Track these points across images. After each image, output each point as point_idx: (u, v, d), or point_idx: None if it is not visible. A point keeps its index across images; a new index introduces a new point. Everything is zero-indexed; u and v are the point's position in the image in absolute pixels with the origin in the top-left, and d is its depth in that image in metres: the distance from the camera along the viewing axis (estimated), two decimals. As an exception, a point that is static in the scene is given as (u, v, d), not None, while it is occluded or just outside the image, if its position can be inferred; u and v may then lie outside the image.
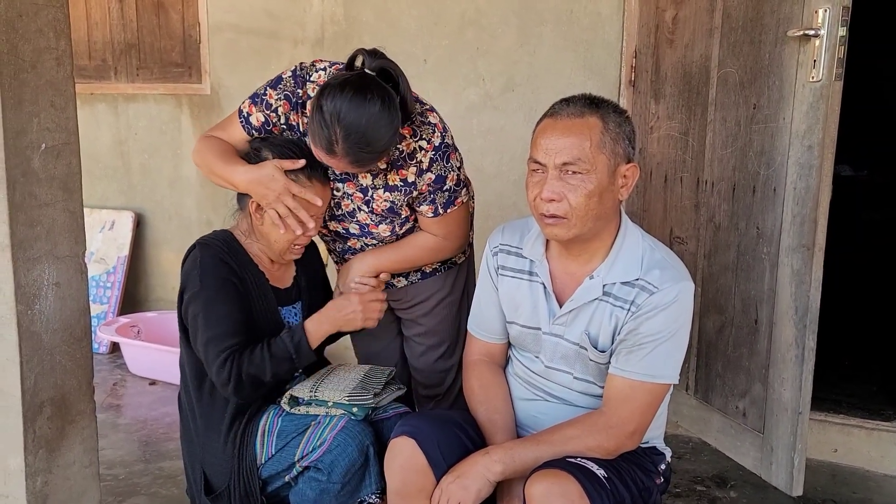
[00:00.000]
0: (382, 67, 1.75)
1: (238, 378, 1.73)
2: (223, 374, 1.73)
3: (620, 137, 1.57)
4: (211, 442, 1.85)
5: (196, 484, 1.89)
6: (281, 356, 1.77)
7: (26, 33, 1.58)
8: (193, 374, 1.86)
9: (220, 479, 1.84)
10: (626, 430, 1.57)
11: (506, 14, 3.09)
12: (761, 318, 2.15)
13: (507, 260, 1.76)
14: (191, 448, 1.91)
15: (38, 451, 1.70)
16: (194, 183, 3.89)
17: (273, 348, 1.77)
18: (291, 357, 1.78)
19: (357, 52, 1.79)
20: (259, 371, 1.75)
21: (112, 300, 3.89)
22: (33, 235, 1.64)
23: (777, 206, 2.06)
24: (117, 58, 3.98)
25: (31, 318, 1.65)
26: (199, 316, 1.77)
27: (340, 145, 1.69)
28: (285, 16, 3.51)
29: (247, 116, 1.90)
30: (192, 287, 1.81)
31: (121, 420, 3.05)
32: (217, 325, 1.75)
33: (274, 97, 1.88)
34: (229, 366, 1.73)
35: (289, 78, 1.88)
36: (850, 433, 2.70)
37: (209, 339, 1.75)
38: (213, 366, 1.74)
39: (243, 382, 1.74)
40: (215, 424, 1.84)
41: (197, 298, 1.79)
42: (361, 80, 1.71)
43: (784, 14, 2.01)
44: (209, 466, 1.86)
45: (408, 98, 1.78)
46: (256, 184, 1.81)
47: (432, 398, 2.25)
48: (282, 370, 1.78)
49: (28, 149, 1.61)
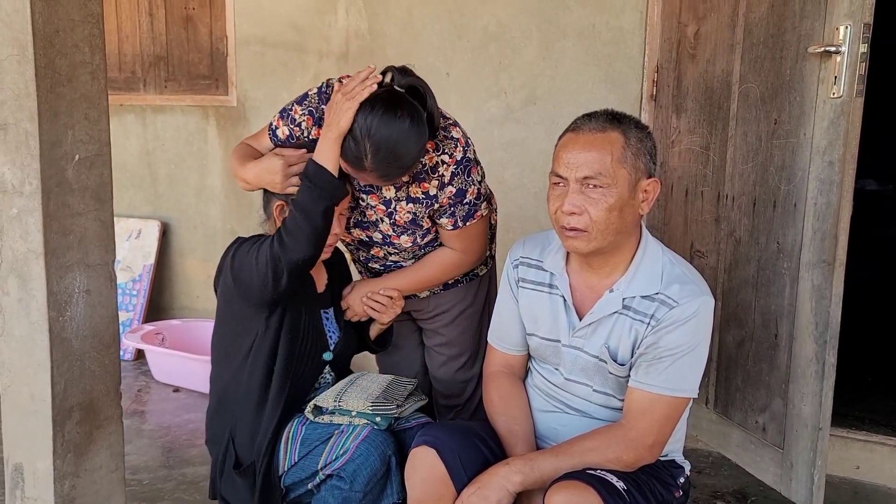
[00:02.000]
0: (412, 84, 1.79)
1: (280, 241, 1.75)
2: (274, 248, 1.75)
3: (642, 152, 1.58)
4: (246, 413, 1.86)
5: (222, 458, 1.89)
6: (300, 194, 1.76)
7: (63, 48, 1.63)
8: (241, 344, 1.88)
9: (247, 454, 1.85)
10: (646, 442, 1.58)
11: (528, 28, 3.11)
12: (781, 333, 2.15)
13: (528, 272, 1.78)
14: (222, 423, 1.91)
15: (67, 454, 1.74)
16: (219, 193, 3.95)
17: (294, 197, 1.78)
18: (307, 185, 1.75)
19: (387, 69, 1.82)
20: (291, 221, 1.75)
21: (137, 308, 3.95)
22: (66, 244, 1.69)
23: (798, 222, 2.06)
24: (146, 70, 4.06)
25: (62, 325, 1.70)
26: (247, 248, 1.82)
27: (369, 160, 1.72)
28: (311, 30, 3.56)
29: (274, 130, 1.96)
30: (232, 251, 1.86)
31: (145, 426, 3.10)
32: (266, 239, 1.81)
33: (299, 112, 1.92)
34: (276, 237, 1.76)
35: (314, 95, 1.92)
36: (873, 450, 2.68)
37: (260, 246, 1.79)
38: (267, 252, 1.76)
39: (285, 242, 1.74)
40: (254, 394, 1.85)
41: (240, 248, 1.85)
42: (392, 96, 1.75)
43: (805, 30, 2.02)
44: (239, 437, 1.87)
45: (435, 115, 1.81)
46: (262, 173, 1.86)
47: (452, 408, 2.27)
48: (307, 202, 1.75)
49: (62, 160, 1.66)
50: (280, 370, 1.85)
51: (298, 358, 1.89)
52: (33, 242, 1.64)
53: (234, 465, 1.86)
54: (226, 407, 1.91)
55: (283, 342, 1.85)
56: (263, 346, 1.85)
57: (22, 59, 1.58)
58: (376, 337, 2.14)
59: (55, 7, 1.61)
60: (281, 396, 1.85)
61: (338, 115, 1.73)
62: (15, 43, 1.58)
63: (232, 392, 1.89)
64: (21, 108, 1.60)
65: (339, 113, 1.73)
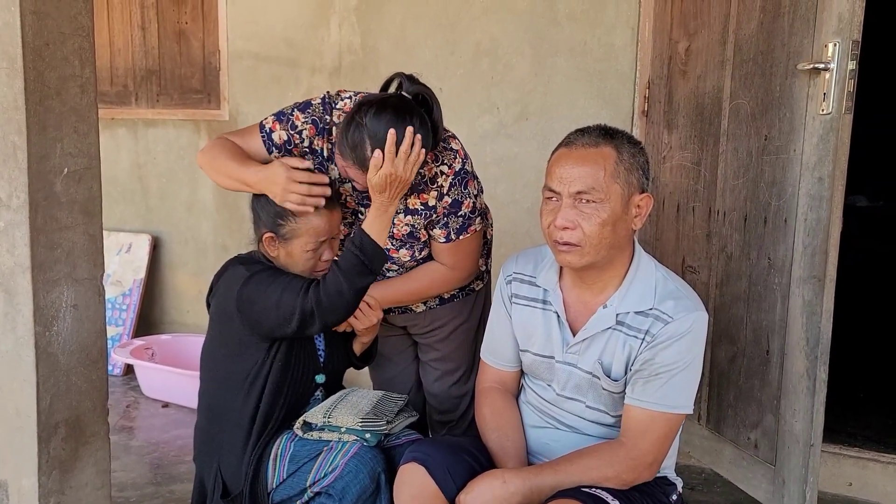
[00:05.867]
0: (419, 92, 1.80)
1: (319, 303, 1.73)
2: (308, 304, 1.74)
3: (634, 168, 1.59)
4: (235, 443, 1.84)
5: (211, 488, 1.88)
6: (350, 263, 1.75)
7: (52, 61, 1.63)
8: (235, 371, 1.86)
9: (235, 483, 1.84)
10: (646, 461, 1.58)
11: (520, 45, 3.13)
12: (773, 349, 2.14)
13: (521, 288, 1.77)
14: (210, 449, 1.90)
15: (52, 471, 1.72)
16: (211, 207, 3.93)
17: (340, 262, 1.77)
18: (360, 260, 1.75)
19: (395, 76, 1.85)
20: (335, 288, 1.74)
21: (127, 322, 3.93)
22: (53, 258, 1.67)
23: (788, 237, 2.06)
24: (138, 84, 4.06)
25: (48, 340, 1.68)
26: (263, 284, 1.80)
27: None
28: (304, 45, 3.57)
29: (269, 132, 1.93)
30: (239, 279, 1.83)
31: (133, 442, 3.07)
32: (287, 280, 1.79)
33: (301, 119, 1.91)
34: (313, 293, 1.74)
35: (318, 104, 1.92)
36: (866, 466, 2.67)
37: (283, 289, 1.77)
38: (297, 303, 1.75)
39: (324, 305, 1.74)
40: (244, 424, 1.84)
41: (251, 280, 1.81)
42: (401, 101, 1.77)
43: (794, 47, 2.03)
44: (226, 467, 1.85)
45: (440, 125, 1.82)
46: (265, 181, 1.83)
47: (446, 424, 2.26)
48: (355, 276, 1.75)
49: (51, 173, 1.65)
50: (272, 400, 1.84)
51: (291, 384, 1.88)
52: (20, 256, 1.63)
53: (223, 494, 1.85)
54: (215, 426, 1.90)
55: (275, 372, 1.84)
56: (261, 375, 1.84)
57: (11, 72, 1.57)
58: (361, 353, 2.12)
59: (45, 20, 1.60)
60: (271, 424, 1.84)
61: (398, 190, 1.76)
62: (4, 55, 1.57)
63: (223, 414, 1.88)
64: (9, 120, 1.59)
65: (399, 187, 1.75)
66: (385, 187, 1.74)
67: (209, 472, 1.89)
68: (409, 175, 1.74)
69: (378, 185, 1.74)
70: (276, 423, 1.85)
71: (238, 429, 1.84)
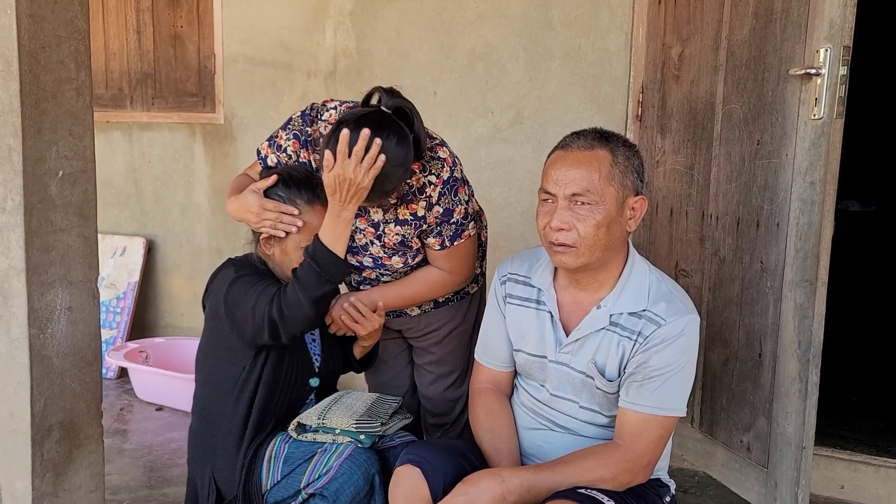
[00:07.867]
0: (398, 106, 1.79)
1: (280, 312, 1.75)
2: (273, 314, 1.75)
3: (629, 170, 1.60)
4: (228, 448, 1.85)
5: (204, 491, 1.89)
6: (304, 273, 1.76)
7: (48, 64, 1.63)
8: (227, 376, 1.87)
9: (229, 488, 1.84)
10: (641, 463, 1.59)
11: (515, 49, 3.14)
12: (765, 352, 2.16)
13: (515, 289, 1.78)
14: (203, 453, 1.90)
15: (46, 474, 1.72)
16: (205, 210, 3.93)
17: (298, 271, 1.78)
18: (314, 269, 1.75)
19: (374, 90, 1.83)
20: (294, 298, 1.75)
21: (121, 325, 3.92)
22: (48, 260, 1.68)
23: (780, 241, 2.08)
24: (133, 87, 4.06)
25: (42, 342, 1.68)
26: (245, 288, 1.82)
27: None
28: (299, 49, 3.57)
29: (264, 158, 1.99)
30: (227, 281, 1.85)
31: (127, 445, 3.06)
32: (263, 286, 1.81)
33: (284, 138, 1.94)
34: (275, 303, 1.76)
35: (297, 118, 1.95)
36: (858, 469, 2.68)
37: (259, 295, 1.79)
38: (265, 312, 1.76)
39: (285, 315, 1.75)
40: (236, 429, 1.84)
41: (234, 283, 1.84)
42: (379, 116, 1.76)
43: (786, 53, 2.05)
44: (219, 472, 1.86)
45: (421, 137, 1.82)
46: (240, 209, 1.89)
47: (440, 427, 2.26)
48: (311, 286, 1.75)
49: (46, 176, 1.65)
50: (264, 403, 1.85)
51: (283, 388, 1.88)
52: (15, 259, 1.63)
53: (217, 500, 1.85)
54: (208, 430, 1.90)
55: (266, 376, 1.85)
56: (251, 380, 1.85)
57: (6, 75, 1.58)
58: (361, 357, 2.12)
59: (41, 23, 1.60)
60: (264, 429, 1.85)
61: (350, 194, 1.72)
62: (0, 58, 1.58)
63: (217, 418, 1.88)
64: (5, 123, 1.59)
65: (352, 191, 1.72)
66: (335, 189, 1.73)
67: (202, 476, 1.89)
68: (361, 179, 1.70)
69: (329, 187, 1.74)
70: (268, 427, 1.86)
71: (230, 434, 1.85)
